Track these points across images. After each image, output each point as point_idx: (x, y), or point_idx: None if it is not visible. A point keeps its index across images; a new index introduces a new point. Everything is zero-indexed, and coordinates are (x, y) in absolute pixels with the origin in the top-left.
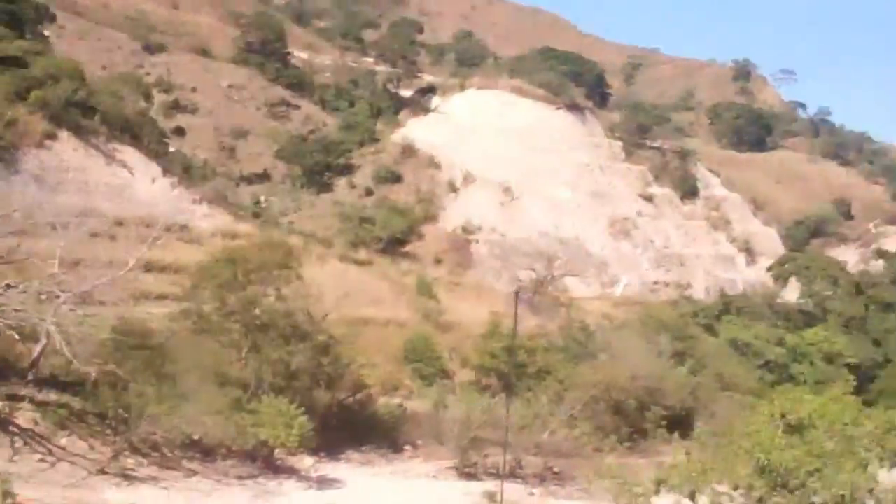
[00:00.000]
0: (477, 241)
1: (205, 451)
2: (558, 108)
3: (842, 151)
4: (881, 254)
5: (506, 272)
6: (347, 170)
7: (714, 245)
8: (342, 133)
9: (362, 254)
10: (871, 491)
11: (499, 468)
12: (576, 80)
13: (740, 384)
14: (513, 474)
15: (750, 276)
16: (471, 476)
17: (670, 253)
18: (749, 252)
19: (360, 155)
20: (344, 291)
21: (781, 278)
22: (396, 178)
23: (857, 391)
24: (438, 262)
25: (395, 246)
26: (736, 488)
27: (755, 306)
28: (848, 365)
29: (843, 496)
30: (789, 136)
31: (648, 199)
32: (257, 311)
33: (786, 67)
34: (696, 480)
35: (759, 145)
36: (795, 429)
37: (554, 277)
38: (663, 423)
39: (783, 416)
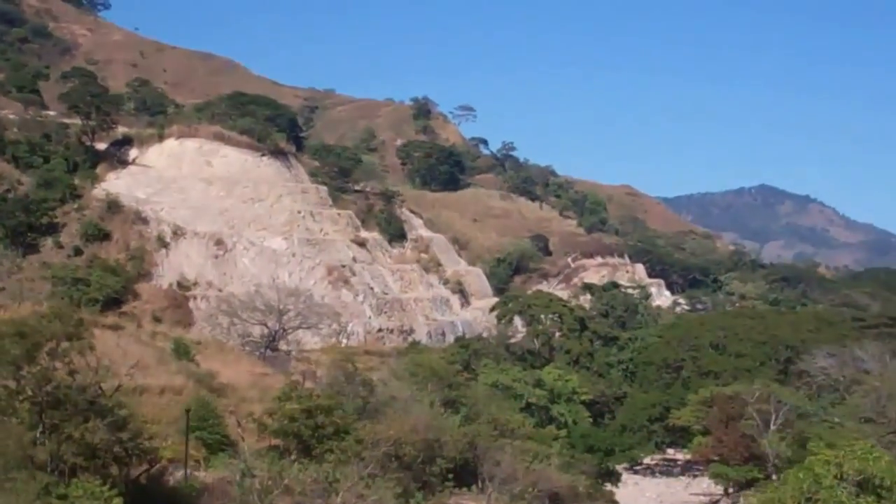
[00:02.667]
0: (195, 297)
1: None
2: (263, 155)
3: (529, 186)
4: (588, 288)
5: (234, 328)
6: (52, 229)
7: (429, 288)
8: (41, 191)
9: (109, 318)
10: None
11: None
12: (269, 125)
13: (516, 430)
14: None
15: (466, 317)
16: None
17: (390, 298)
18: (462, 293)
19: (63, 213)
20: (110, 359)
21: (506, 318)
22: (104, 236)
23: (594, 425)
24: (157, 320)
25: (111, 306)
26: None
27: (491, 348)
28: (583, 402)
29: None
30: (476, 174)
31: (361, 244)
32: (50, 388)
33: (464, 104)
34: None
35: (451, 184)
36: (867, 489)
37: (286, 331)
38: (449, 475)
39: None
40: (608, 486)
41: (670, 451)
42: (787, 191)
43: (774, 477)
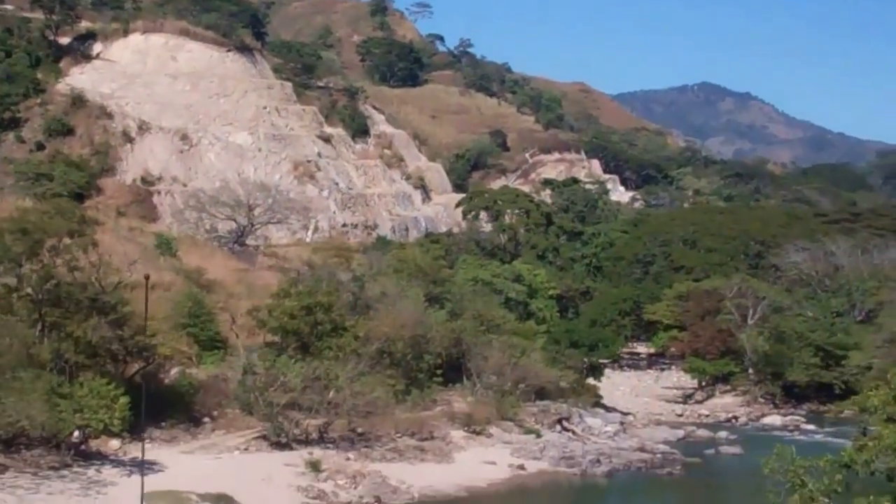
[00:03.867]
0: (160, 192)
1: (5, 443)
2: (228, 51)
3: (485, 83)
4: (548, 183)
5: (202, 224)
6: (14, 123)
7: (391, 184)
8: (4, 85)
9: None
10: None
11: (307, 435)
12: (233, 20)
13: (501, 325)
14: (322, 439)
15: (428, 213)
16: (283, 445)
17: (354, 194)
18: (424, 189)
19: (26, 107)
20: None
21: (472, 214)
22: (68, 131)
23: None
24: (121, 215)
25: (75, 202)
26: None
27: (462, 244)
28: (550, 296)
29: None
30: (434, 70)
31: (326, 140)
32: (50, 285)
33: (421, 1)
34: None
35: (410, 80)
36: None
37: (254, 226)
38: (438, 371)
39: None
40: (591, 381)
41: (634, 345)
42: (729, 88)
43: (751, 371)
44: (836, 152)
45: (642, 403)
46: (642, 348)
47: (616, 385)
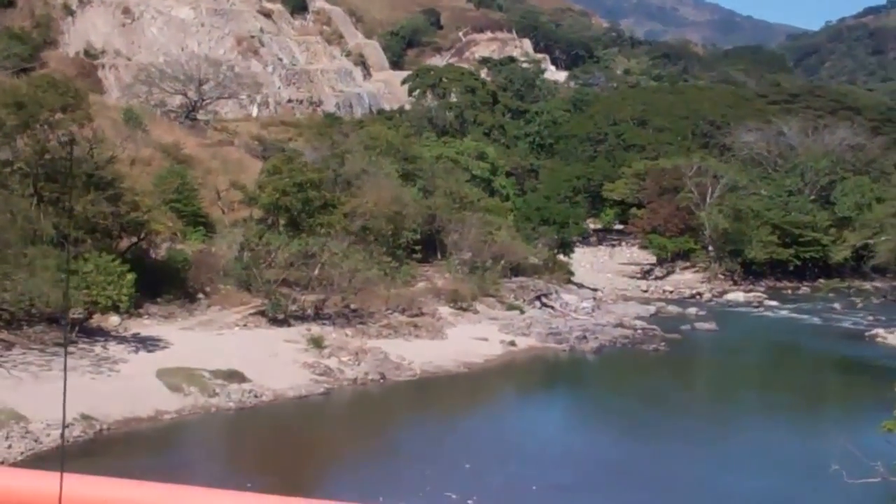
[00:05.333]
0: (104, 66)
1: (7, 320)
2: None
3: None
4: (486, 61)
5: (151, 98)
6: None
7: (332, 60)
8: None
9: None
10: None
11: (303, 311)
12: None
13: (475, 202)
14: (318, 316)
15: (370, 89)
16: (280, 322)
17: (298, 70)
18: (364, 65)
19: None
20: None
21: (418, 91)
22: (9, 3)
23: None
24: None
25: (18, 75)
26: None
27: (414, 121)
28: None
29: None
30: None
31: (267, 15)
32: (45, 160)
33: None
34: None
35: None
36: None
37: (205, 101)
38: (416, 247)
39: None
40: (562, 257)
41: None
42: None
43: (710, 249)
44: (744, 35)
45: (606, 280)
46: (591, 224)
47: (577, 262)
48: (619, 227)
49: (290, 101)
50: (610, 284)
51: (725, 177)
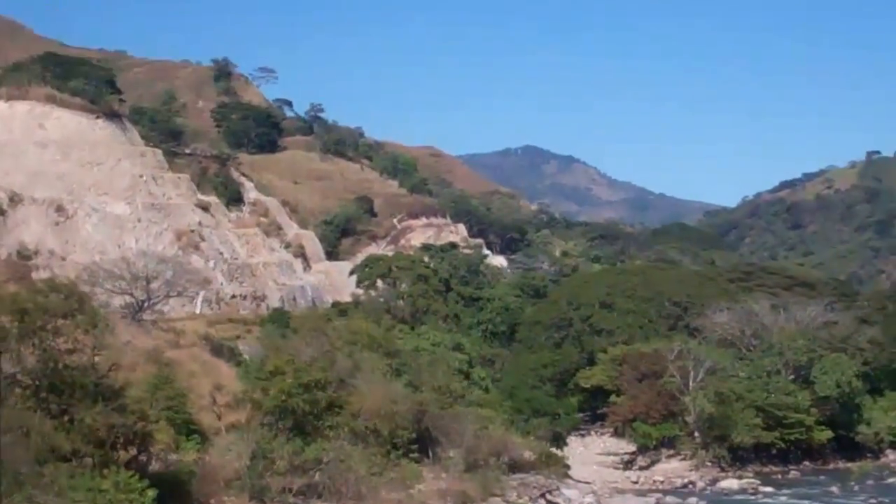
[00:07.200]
0: (38, 267)
1: None
2: (98, 118)
3: (341, 148)
4: (427, 248)
5: (95, 299)
6: None
7: (272, 252)
8: None
9: None
10: None
11: None
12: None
13: (465, 396)
14: None
15: (312, 281)
16: None
17: (240, 263)
18: (304, 257)
19: None
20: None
21: (368, 281)
22: None
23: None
24: None
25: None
26: None
27: (372, 313)
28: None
29: None
30: (286, 136)
31: (205, 208)
32: (49, 370)
33: (265, 66)
34: None
35: (268, 146)
36: None
37: (152, 300)
38: (412, 446)
39: None
40: (557, 451)
41: None
42: (552, 151)
43: (697, 434)
44: (658, 212)
45: (593, 471)
46: None
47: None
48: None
49: (234, 296)
50: (598, 477)
51: (708, 360)
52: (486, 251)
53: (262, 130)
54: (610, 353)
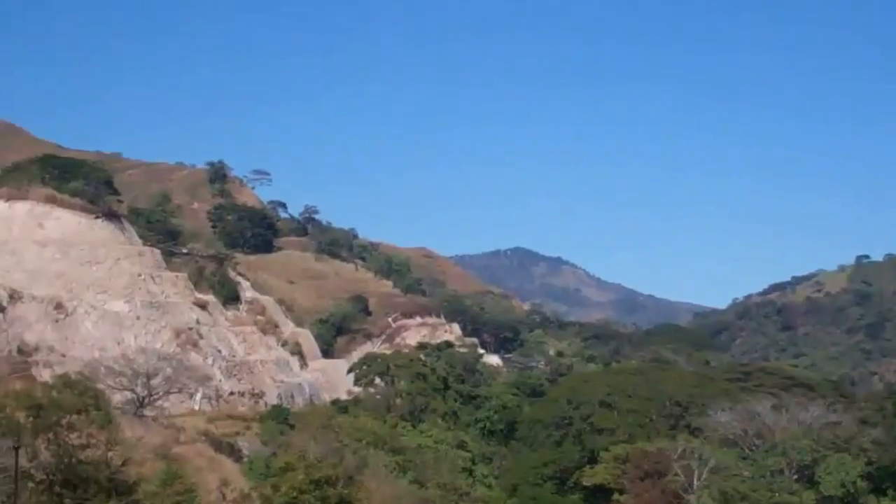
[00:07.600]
0: (38, 364)
1: None
2: (97, 217)
3: (335, 248)
4: (423, 347)
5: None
6: None
7: (269, 350)
8: None
9: None
10: None
11: None
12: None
13: (470, 493)
14: None
15: (309, 379)
16: None
17: (238, 361)
18: (300, 354)
19: None
20: None
21: (366, 379)
22: None
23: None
24: None
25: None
26: None
27: (372, 410)
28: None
29: None
30: (281, 237)
31: (202, 306)
32: (64, 465)
33: (259, 168)
34: None
35: (264, 247)
36: None
37: (153, 396)
38: None
39: None
40: None
41: None
42: (541, 253)
43: None
44: (647, 314)
45: None
46: None
47: None
48: None
49: (231, 393)
50: None
51: (712, 459)
52: (480, 350)
53: (258, 231)
54: (612, 452)
